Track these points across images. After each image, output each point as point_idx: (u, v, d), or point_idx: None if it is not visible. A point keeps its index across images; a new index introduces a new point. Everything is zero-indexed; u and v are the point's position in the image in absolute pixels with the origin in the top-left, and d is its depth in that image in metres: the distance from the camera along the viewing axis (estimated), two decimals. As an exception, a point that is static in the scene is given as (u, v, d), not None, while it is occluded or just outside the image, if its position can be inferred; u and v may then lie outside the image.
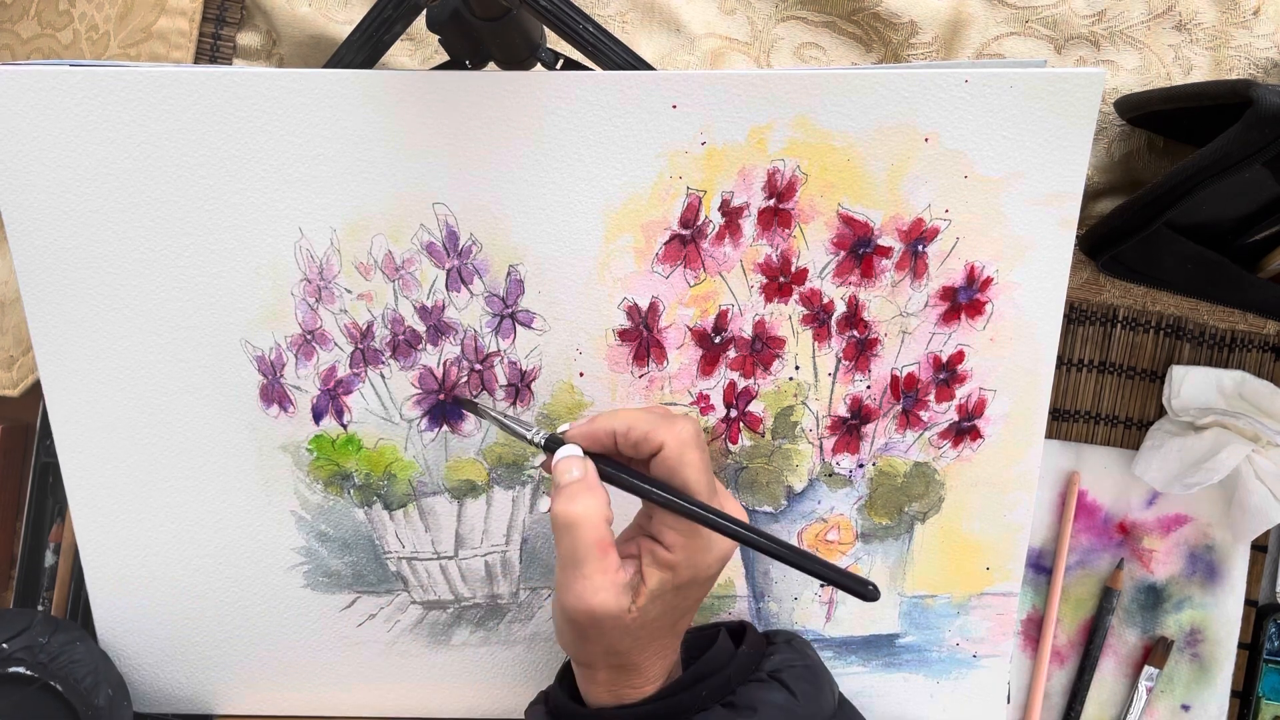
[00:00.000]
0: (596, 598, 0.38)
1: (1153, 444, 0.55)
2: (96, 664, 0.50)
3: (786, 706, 0.41)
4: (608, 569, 0.38)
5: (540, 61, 0.45)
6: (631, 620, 0.38)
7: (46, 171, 0.46)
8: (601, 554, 0.38)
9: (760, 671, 0.43)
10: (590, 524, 0.38)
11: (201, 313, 0.48)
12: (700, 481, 0.39)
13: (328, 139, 0.46)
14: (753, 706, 0.41)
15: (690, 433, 0.39)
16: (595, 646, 0.40)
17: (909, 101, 0.46)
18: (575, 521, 0.38)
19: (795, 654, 0.45)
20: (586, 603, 0.38)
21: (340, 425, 0.50)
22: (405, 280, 0.48)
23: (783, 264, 0.48)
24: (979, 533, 0.52)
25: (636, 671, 0.40)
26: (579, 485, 0.39)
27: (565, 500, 0.38)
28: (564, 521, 0.38)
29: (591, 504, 0.38)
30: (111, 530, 0.51)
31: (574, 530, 0.38)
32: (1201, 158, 0.46)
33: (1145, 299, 0.56)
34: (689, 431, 0.39)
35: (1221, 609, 0.57)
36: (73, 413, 0.49)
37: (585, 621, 0.38)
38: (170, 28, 0.52)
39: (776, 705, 0.41)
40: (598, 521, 0.38)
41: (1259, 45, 0.52)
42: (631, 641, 0.39)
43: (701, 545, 0.39)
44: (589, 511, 0.38)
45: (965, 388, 0.50)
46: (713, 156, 0.47)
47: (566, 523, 0.38)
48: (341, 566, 0.52)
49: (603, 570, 0.38)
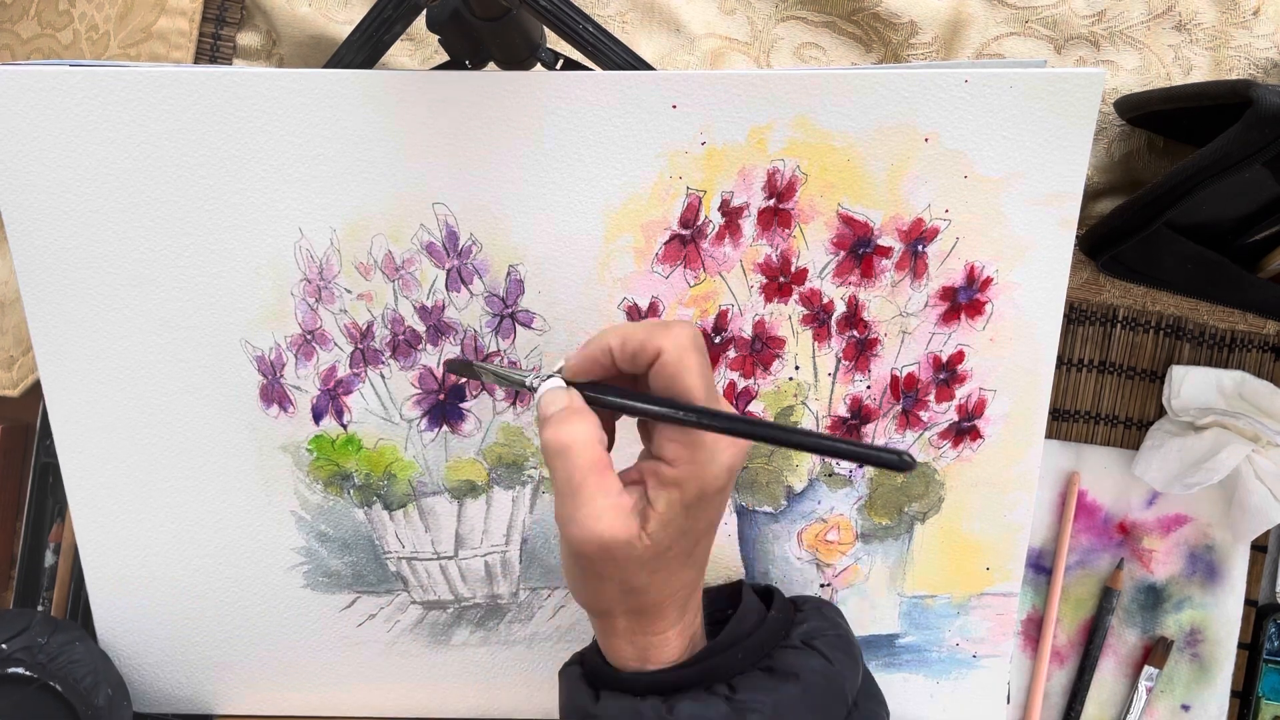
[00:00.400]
0: (601, 523, 0.35)
1: (1153, 444, 0.55)
2: (96, 664, 0.50)
3: (826, 674, 0.40)
4: (609, 491, 0.35)
5: (540, 61, 0.45)
6: (645, 550, 0.36)
7: (46, 171, 0.46)
8: (600, 475, 0.35)
9: (793, 638, 0.42)
10: (583, 444, 0.35)
11: (201, 313, 0.48)
12: (699, 387, 0.36)
13: (328, 139, 0.46)
14: (795, 673, 0.39)
15: (688, 336, 0.36)
16: (609, 586, 0.37)
17: (909, 101, 0.46)
18: (567, 445, 0.35)
19: (828, 622, 0.43)
20: (591, 530, 0.35)
21: (340, 425, 0.50)
22: (405, 280, 0.48)
23: (782, 264, 0.48)
24: (979, 533, 0.52)
25: (658, 614, 0.38)
26: (565, 411, 0.36)
27: (553, 427, 0.36)
28: (555, 447, 0.35)
29: (581, 426, 0.36)
30: (111, 530, 0.51)
31: (567, 454, 0.35)
32: (1201, 158, 0.46)
33: (1145, 299, 0.56)
34: (687, 335, 0.36)
35: (1221, 609, 0.57)
36: (73, 413, 0.49)
37: (595, 553, 0.35)
38: (170, 28, 0.52)
39: (817, 672, 0.39)
40: (590, 442, 0.36)
41: (1259, 45, 0.52)
42: (648, 576, 0.37)
43: (705, 455, 0.36)
44: (579, 433, 0.36)
45: (965, 388, 0.50)
46: (712, 156, 0.47)
47: (558, 448, 0.35)
48: (341, 566, 0.52)
49: (604, 492, 0.35)
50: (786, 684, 0.39)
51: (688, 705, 0.37)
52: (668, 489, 0.36)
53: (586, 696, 0.39)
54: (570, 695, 0.41)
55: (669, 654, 0.39)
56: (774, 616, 0.42)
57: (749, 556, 0.53)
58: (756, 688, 0.38)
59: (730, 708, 0.37)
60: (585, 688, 0.40)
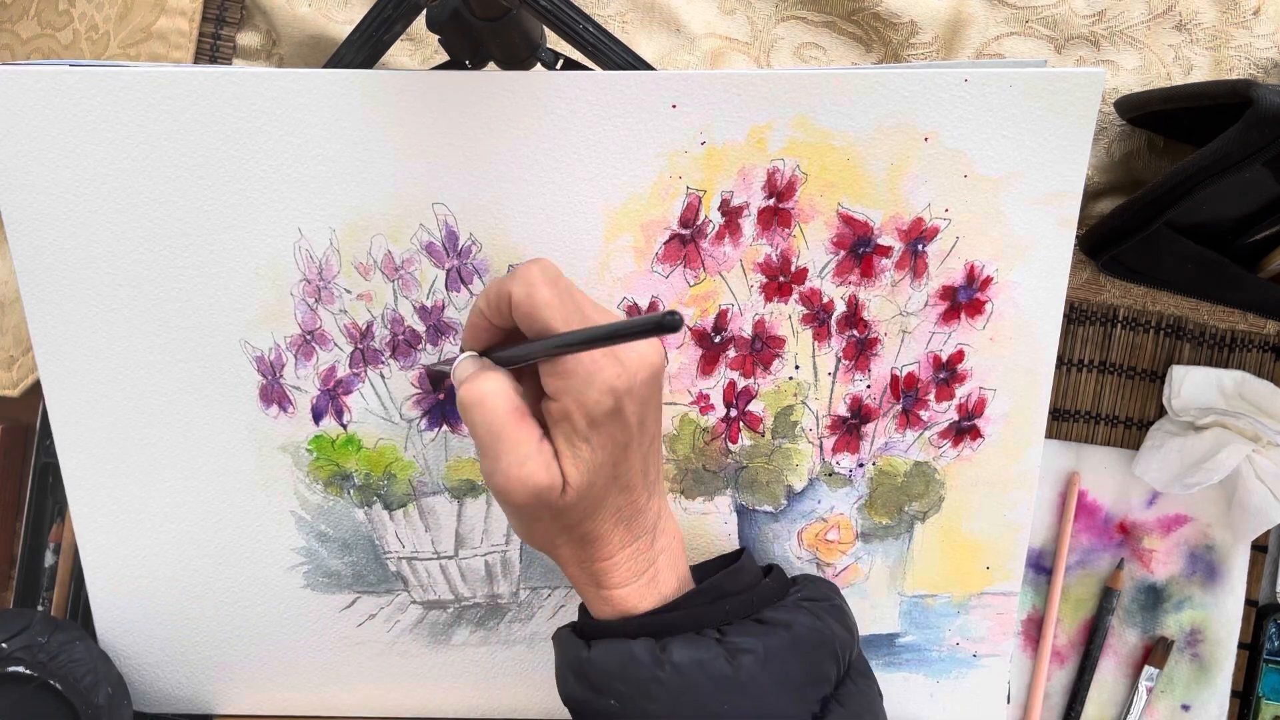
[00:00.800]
0: (524, 468, 0.36)
1: (1153, 444, 0.55)
2: (96, 663, 0.50)
3: (816, 629, 0.40)
4: (528, 438, 0.36)
5: (540, 61, 0.45)
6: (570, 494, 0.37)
7: (46, 171, 0.46)
8: (517, 421, 0.36)
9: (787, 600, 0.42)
10: (496, 393, 0.36)
11: (201, 313, 0.48)
12: (557, 318, 0.36)
13: (327, 139, 0.46)
14: (786, 624, 0.39)
15: (535, 271, 0.36)
16: (543, 524, 0.38)
17: (909, 101, 0.46)
18: (480, 396, 0.36)
19: (821, 594, 0.44)
20: (516, 477, 0.36)
21: (340, 425, 0.50)
22: (405, 280, 0.48)
23: (782, 263, 0.48)
24: (979, 532, 0.52)
25: (600, 539, 0.39)
26: (475, 373, 0.37)
27: (465, 388, 0.37)
28: (470, 400, 0.36)
29: (491, 380, 0.36)
30: (111, 530, 0.51)
31: (482, 404, 0.36)
32: (1201, 158, 0.46)
33: (1145, 299, 0.56)
34: (534, 271, 0.36)
35: (1221, 609, 0.57)
36: (73, 413, 0.49)
37: (523, 499, 0.36)
38: (170, 28, 0.52)
39: (806, 626, 0.40)
40: (504, 390, 0.36)
41: (1259, 45, 0.52)
42: (579, 514, 0.38)
43: (580, 382, 0.36)
44: (491, 383, 0.36)
45: (965, 387, 0.50)
46: (712, 156, 0.47)
47: (473, 400, 0.36)
48: (341, 566, 0.52)
49: (523, 440, 0.36)
50: (776, 631, 0.39)
51: (680, 645, 0.38)
52: (560, 425, 0.37)
53: (579, 647, 0.40)
54: (563, 651, 0.41)
55: (621, 577, 0.40)
56: (767, 583, 0.43)
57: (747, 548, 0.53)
58: (748, 633, 0.39)
59: (722, 648, 0.38)
60: (577, 639, 0.41)
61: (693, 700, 0.37)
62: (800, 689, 0.39)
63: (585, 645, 0.40)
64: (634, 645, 0.38)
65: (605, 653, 0.39)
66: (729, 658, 0.38)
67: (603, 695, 0.38)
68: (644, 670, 0.37)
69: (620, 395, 0.36)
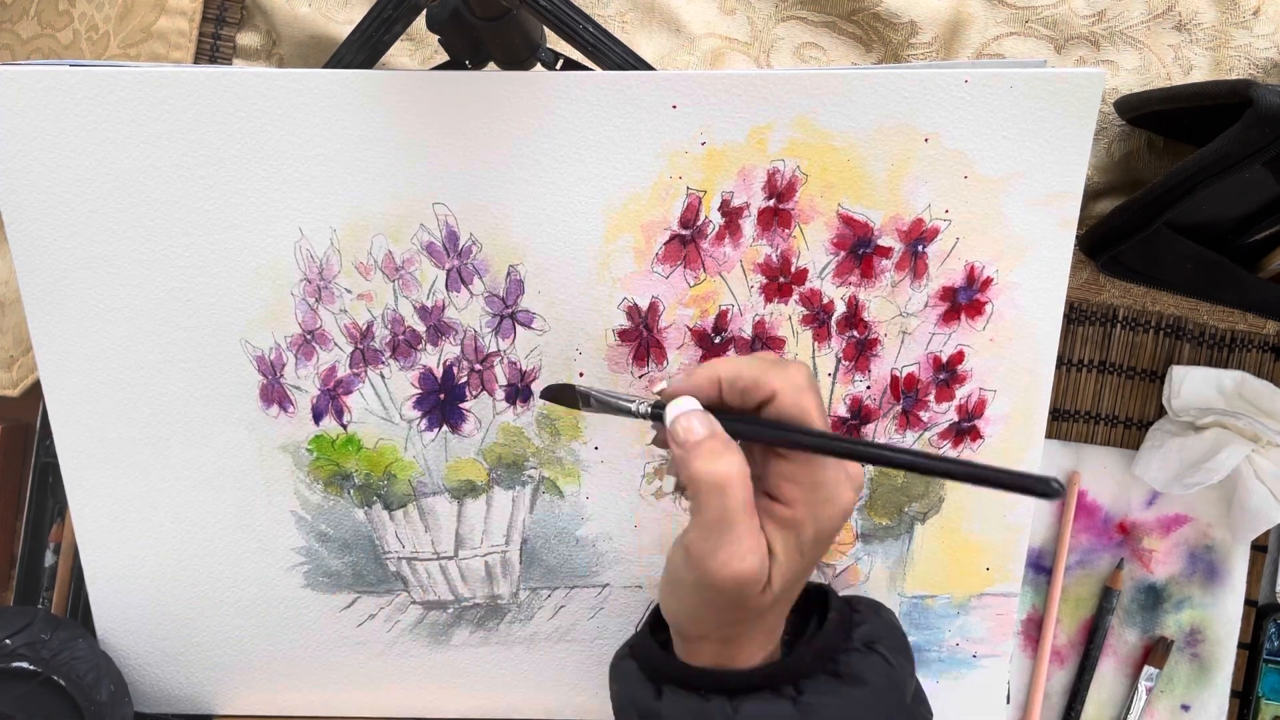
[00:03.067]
0: (745, 563, 0.34)
1: (1153, 444, 0.55)
2: (98, 660, 0.50)
3: (890, 677, 0.39)
4: (757, 531, 0.35)
5: (540, 61, 0.45)
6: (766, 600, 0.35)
7: (46, 171, 0.46)
8: (750, 516, 0.35)
9: (854, 640, 0.41)
10: (740, 482, 0.34)
11: (201, 313, 0.48)
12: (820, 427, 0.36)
13: (328, 139, 0.46)
14: (861, 678, 0.38)
15: (805, 377, 0.36)
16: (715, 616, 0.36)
17: (909, 101, 0.46)
18: (726, 479, 0.34)
19: (886, 625, 0.43)
20: (735, 570, 0.34)
21: (340, 425, 0.50)
22: (405, 280, 0.48)
23: (783, 264, 0.48)
24: (979, 533, 0.52)
25: (749, 642, 0.38)
26: (715, 441, 0.35)
27: (706, 459, 0.34)
28: (713, 482, 0.34)
29: (735, 460, 0.35)
30: (111, 530, 0.51)
31: (725, 490, 0.34)
32: (1201, 158, 0.46)
33: (1145, 299, 0.56)
34: (803, 376, 0.36)
35: (1221, 609, 0.57)
36: (73, 413, 0.49)
37: (730, 589, 0.35)
38: (170, 28, 0.52)
39: (882, 675, 0.39)
40: (745, 478, 0.35)
41: (1259, 45, 0.52)
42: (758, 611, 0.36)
43: (824, 496, 0.35)
44: (736, 468, 0.34)
45: (965, 388, 0.50)
46: (713, 156, 0.47)
47: (716, 482, 0.34)
48: (341, 566, 0.52)
49: (752, 532, 0.34)
50: (852, 689, 0.38)
51: (753, 706, 0.37)
52: (784, 531, 0.36)
53: (648, 692, 0.39)
54: (628, 690, 0.40)
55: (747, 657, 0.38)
56: (833, 618, 0.42)
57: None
58: (823, 691, 0.38)
59: (796, 709, 0.37)
60: (645, 681, 0.39)
61: None
62: None
63: (655, 691, 0.38)
64: (708, 705, 0.37)
65: (676, 707, 0.37)
66: None
67: None
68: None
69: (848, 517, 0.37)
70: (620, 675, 0.41)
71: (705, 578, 0.35)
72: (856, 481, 0.37)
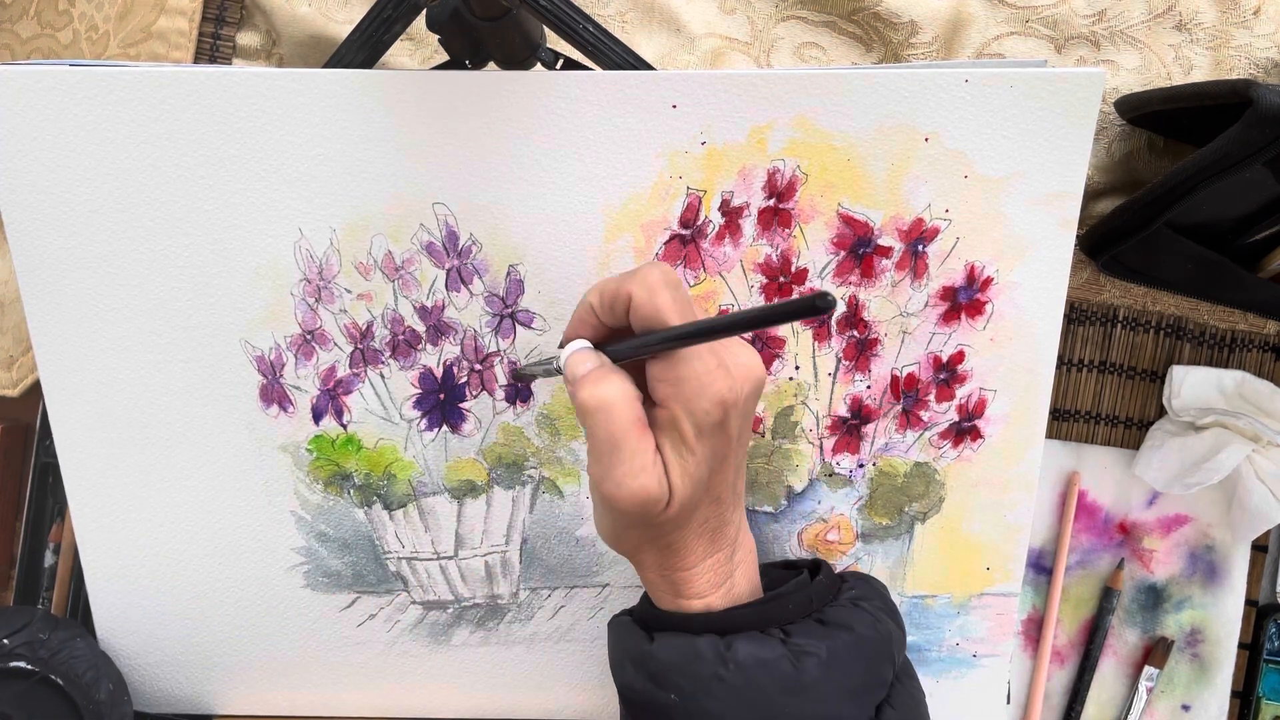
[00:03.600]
0: (638, 480, 0.35)
1: (1153, 444, 0.55)
2: (96, 660, 0.50)
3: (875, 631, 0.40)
4: (646, 448, 0.36)
5: (540, 61, 0.45)
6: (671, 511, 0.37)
7: (46, 171, 0.46)
8: (640, 432, 0.36)
9: (841, 599, 0.42)
10: (624, 400, 0.36)
11: (201, 313, 0.48)
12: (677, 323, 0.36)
13: (328, 139, 0.46)
14: (847, 625, 0.39)
15: (657, 274, 0.36)
16: (634, 531, 0.38)
17: (909, 101, 0.46)
18: (608, 403, 0.36)
19: (874, 590, 0.44)
20: (628, 488, 0.35)
21: (340, 425, 0.50)
22: (405, 280, 0.48)
23: (783, 264, 0.48)
24: (979, 533, 0.52)
25: (684, 549, 0.38)
26: (598, 370, 0.37)
27: (590, 386, 0.36)
28: (595, 405, 0.36)
29: (618, 381, 0.36)
30: (111, 530, 0.51)
31: (609, 412, 0.35)
32: (1201, 158, 0.46)
33: (1145, 299, 0.56)
34: (656, 274, 0.36)
35: (1222, 609, 0.57)
36: (73, 413, 0.49)
37: (631, 508, 0.36)
38: (170, 27, 0.52)
39: (869, 626, 0.40)
40: (630, 398, 0.36)
41: (1259, 45, 0.52)
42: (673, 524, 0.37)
43: (691, 389, 0.36)
44: (617, 389, 0.36)
45: (965, 388, 0.50)
46: (713, 156, 0.47)
47: (597, 406, 0.36)
48: (341, 566, 0.52)
49: (642, 450, 0.36)
50: (840, 633, 0.39)
51: (745, 644, 0.37)
52: (668, 434, 0.36)
53: (640, 638, 0.40)
54: (622, 640, 0.41)
55: (700, 587, 0.39)
56: (820, 580, 0.43)
57: (749, 556, 0.53)
58: (811, 634, 0.39)
59: (786, 649, 0.38)
60: (639, 630, 0.40)
61: (754, 700, 0.37)
62: (859, 693, 0.39)
63: (647, 637, 0.39)
64: (698, 641, 0.38)
65: (669, 647, 0.38)
66: (793, 659, 0.37)
67: (663, 689, 0.38)
68: (707, 667, 0.37)
69: (728, 407, 0.36)
70: (615, 627, 0.42)
71: (606, 500, 0.37)
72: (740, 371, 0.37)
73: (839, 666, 0.38)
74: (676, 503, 0.37)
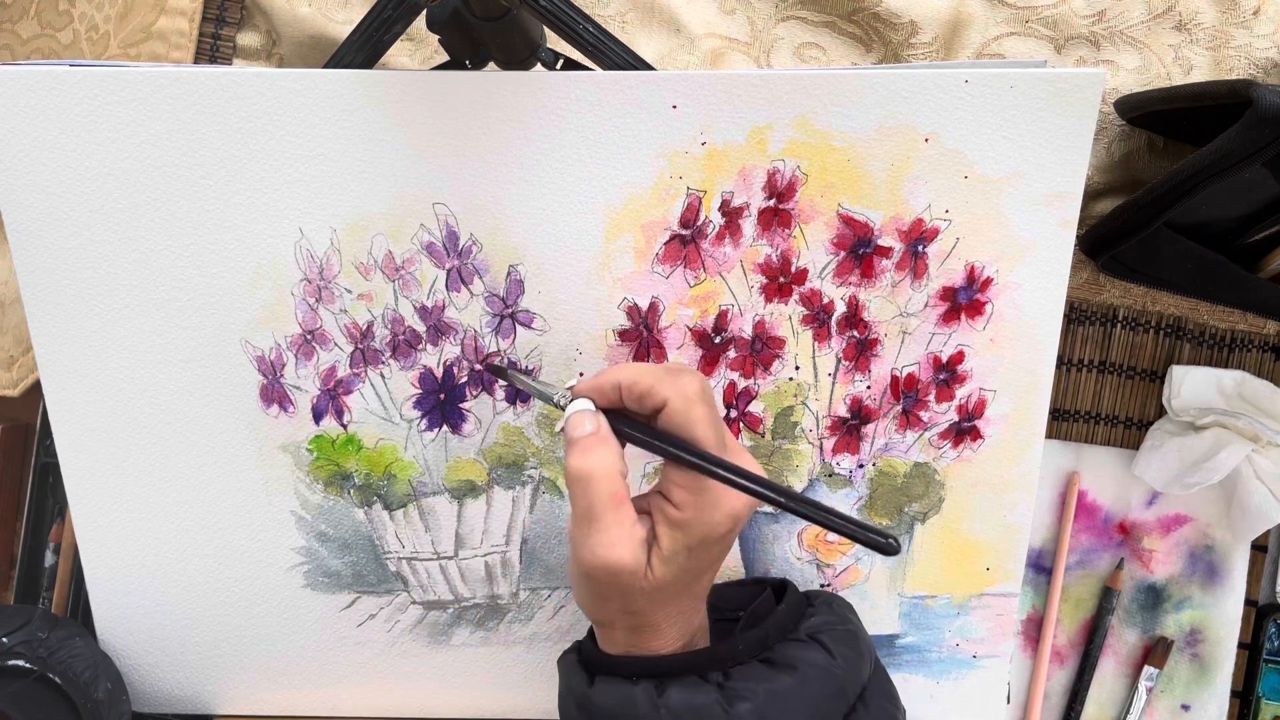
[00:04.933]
0: (612, 552, 0.37)
1: (1153, 444, 0.55)
2: (95, 659, 0.50)
3: (825, 667, 0.40)
4: (623, 522, 0.37)
5: (540, 61, 0.45)
6: (647, 583, 0.38)
7: (46, 171, 0.46)
8: (616, 506, 0.37)
9: (799, 631, 0.42)
10: (604, 476, 0.37)
11: (201, 313, 0.48)
12: (708, 438, 0.38)
13: (328, 139, 0.46)
14: (792, 665, 0.40)
15: (695, 388, 0.38)
16: (612, 604, 0.39)
17: (909, 101, 0.46)
18: (589, 474, 0.37)
19: (835, 617, 0.44)
20: (602, 558, 0.37)
21: (340, 425, 0.50)
22: (405, 280, 0.48)
23: (783, 264, 0.48)
24: (979, 533, 0.52)
25: (654, 631, 0.39)
26: (592, 439, 0.38)
27: (579, 454, 0.38)
28: (577, 475, 0.38)
29: (604, 456, 0.38)
30: (111, 530, 0.51)
31: (589, 483, 0.37)
32: (1201, 158, 0.46)
33: (1145, 299, 0.56)
34: (694, 387, 0.38)
35: (1221, 609, 0.57)
36: (73, 413, 0.49)
37: (602, 577, 0.37)
38: (170, 28, 0.52)
39: (816, 665, 0.40)
40: (611, 474, 0.38)
41: (1259, 45, 0.52)
42: (647, 602, 0.38)
43: (709, 501, 0.38)
44: (602, 464, 0.37)
45: (965, 388, 0.50)
46: (713, 156, 0.47)
47: (580, 475, 0.37)
48: (341, 566, 0.52)
49: (618, 523, 0.37)
50: (781, 675, 0.39)
51: (677, 691, 0.38)
52: (672, 530, 0.38)
53: (582, 681, 0.40)
54: (567, 680, 0.42)
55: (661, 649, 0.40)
56: (782, 610, 0.43)
57: (749, 557, 0.53)
58: (751, 677, 0.39)
59: (721, 694, 0.38)
60: (581, 672, 0.41)
61: None
62: None
63: (588, 679, 0.40)
64: (635, 690, 0.39)
65: (606, 693, 0.39)
66: (725, 704, 0.38)
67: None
68: (640, 712, 0.38)
69: (738, 521, 0.38)
70: (563, 667, 0.43)
71: (580, 565, 0.38)
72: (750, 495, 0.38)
73: (776, 710, 0.38)
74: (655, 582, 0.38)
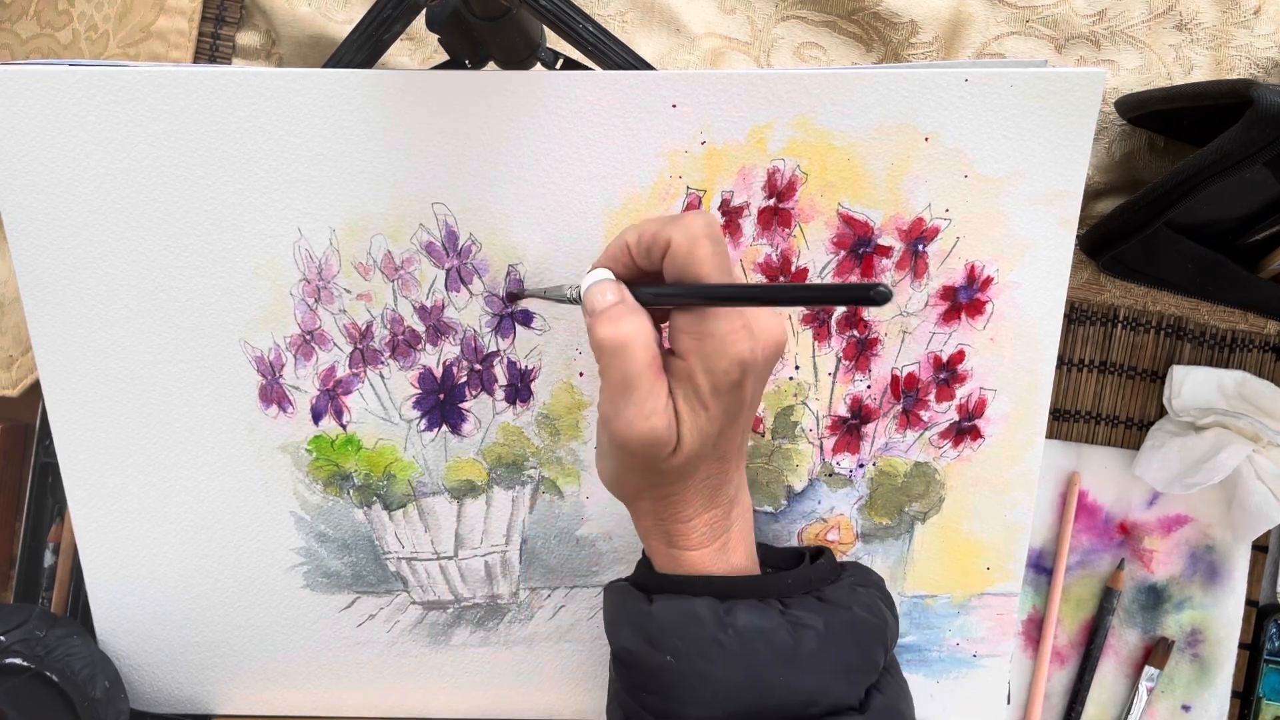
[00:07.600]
0: (649, 422, 0.35)
1: (1153, 444, 0.55)
2: (93, 657, 0.50)
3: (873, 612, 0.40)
4: (660, 392, 0.36)
5: (540, 61, 0.45)
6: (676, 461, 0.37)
7: (46, 171, 0.46)
8: (655, 374, 0.36)
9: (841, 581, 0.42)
10: (641, 343, 0.35)
11: (201, 313, 0.48)
12: (713, 277, 0.35)
13: (327, 139, 0.46)
14: (846, 605, 0.39)
15: (700, 224, 0.36)
16: (637, 474, 0.38)
17: (909, 101, 0.46)
18: (624, 342, 0.35)
19: (872, 581, 0.44)
20: (639, 430, 0.35)
21: (339, 425, 0.50)
22: (405, 280, 0.48)
23: (783, 263, 0.48)
24: (979, 533, 0.52)
25: (683, 500, 0.38)
26: (620, 307, 0.36)
27: (608, 324, 0.36)
28: (612, 344, 0.35)
29: (637, 323, 0.36)
30: (111, 530, 0.51)
31: (624, 351, 0.35)
32: (1201, 158, 0.46)
33: (1146, 299, 0.56)
34: (698, 224, 0.36)
35: (1222, 609, 0.57)
36: (73, 413, 0.49)
37: (638, 449, 0.36)
38: (169, 27, 0.52)
39: (866, 607, 0.40)
40: (649, 340, 0.36)
41: (1259, 45, 0.52)
42: (676, 475, 0.37)
43: (713, 347, 0.35)
44: (637, 329, 0.35)
45: (965, 387, 0.50)
46: (713, 156, 0.47)
47: (614, 345, 0.35)
48: (341, 567, 0.52)
49: (655, 393, 0.35)
50: (838, 611, 0.39)
51: (744, 611, 0.38)
52: (683, 385, 0.36)
53: (639, 600, 0.39)
54: (620, 602, 0.41)
55: (694, 540, 0.39)
56: (822, 563, 0.43)
57: (749, 556, 0.53)
58: (809, 608, 0.39)
59: (785, 619, 0.38)
60: (637, 593, 0.40)
61: (749, 667, 0.37)
62: (851, 672, 0.39)
63: (646, 599, 0.39)
64: (698, 604, 0.38)
65: (668, 608, 0.38)
66: (791, 630, 0.37)
67: (659, 650, 0.38)
68: (705, 630, 0.37)
69: (748, 368, 0.36)
70: (612, 591, 0.42)
71: (615, 439, 0.37)
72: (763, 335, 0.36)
73: (835, 642, 0.38)
74: (682, 454, 0.37)
